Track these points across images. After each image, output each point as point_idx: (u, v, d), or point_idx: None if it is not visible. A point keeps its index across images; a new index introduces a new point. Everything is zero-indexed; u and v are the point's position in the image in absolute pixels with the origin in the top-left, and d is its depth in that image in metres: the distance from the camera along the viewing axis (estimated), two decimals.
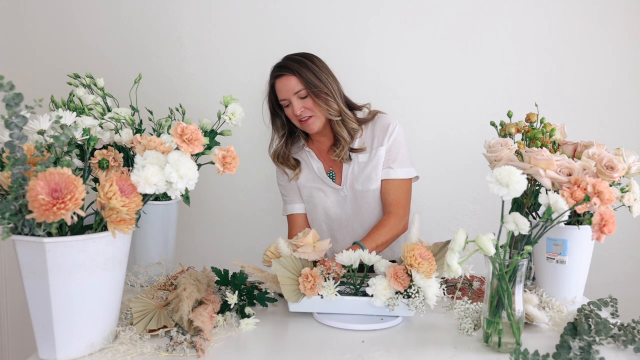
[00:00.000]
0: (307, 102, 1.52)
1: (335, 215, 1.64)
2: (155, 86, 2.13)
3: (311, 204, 1.66)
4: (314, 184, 1.64)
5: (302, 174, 1.66)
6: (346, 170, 1.61)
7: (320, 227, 1.66)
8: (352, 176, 1.60)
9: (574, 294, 1.27)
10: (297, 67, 1.51)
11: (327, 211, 1.64)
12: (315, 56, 1.58)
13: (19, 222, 0.93)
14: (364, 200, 1.61)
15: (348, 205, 1.62)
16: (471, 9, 2.14)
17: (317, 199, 1.64)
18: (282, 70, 1.53)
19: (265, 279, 1.28)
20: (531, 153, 1.15)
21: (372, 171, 1.59)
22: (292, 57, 1.56)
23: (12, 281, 2.18)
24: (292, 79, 1.51)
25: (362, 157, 1.60)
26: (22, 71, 2.15)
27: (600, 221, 1.00)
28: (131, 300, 1.15)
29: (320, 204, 1.64)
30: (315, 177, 1.65)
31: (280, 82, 1.53)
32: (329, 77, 1.55)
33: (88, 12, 2.15)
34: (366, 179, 1.59)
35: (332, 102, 1.53)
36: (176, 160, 1.04)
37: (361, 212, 1.62)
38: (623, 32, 2.15)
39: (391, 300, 1.18)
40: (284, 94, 1.53)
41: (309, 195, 1.65)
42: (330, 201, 1.63)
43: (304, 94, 1.51)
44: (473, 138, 1.95)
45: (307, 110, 1.53)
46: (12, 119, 0.91)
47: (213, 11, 2.15)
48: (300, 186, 1.67)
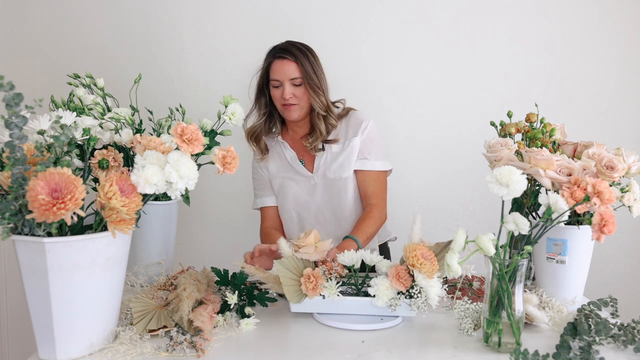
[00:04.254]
0: (298, 90, 1.56)
1: (306, 203, 1.66)
2: (155, 86, 2.13)
3: (282, 193, 1.68)
4: (286, 173, 1.67)
5: (274, 165, 1.69)
6: (319, 159, 1.64)
7: (291, 215, 1.68)
8: (325, 165, 1.64)
9: (574, 294, 1.27)
10: (300, 56, 1.56)
11: (298, 199, 1.66)
12: (314, 51, 1.63)
13: (19, 222, 0.93)
14: (335, 189, 1.63)
15: (318, 194, 1.65)
16: (471, 8, 2.14)
17: (288, 187, 1.66)
18: (284, 53, 1.56)
19: (267, 280, 1.28)
20: (531, 153, 1.15)
21: (344, 160, 1.63)
22: (295, 44, 1.59)
23: (12, 281, 2.18)
24: (292, 65, 1.55)
25: (335, 147, 1.64)
26: (22, 71, 2.15)
27: (600, 221, 1.00)
28: (131, 300, 1.15)
29: (291, 192, 1.66)
30: (287, 167, 1.67)
31: (279, 64, 1.56)
32: (322, 73, 1.61)
33: (88, 12, 2.15)
34: (338, 167, 1.62)
35: (322, 96, 1.58)
36: (176, 160, 1.04)
37: (332, 201, 1.64)
38: (623, 32, 2.15)
39: (393, 301, 1.18)
40: (279, 76, 1.56)
41: (281, 185, 1.68)
42: (301, 189, 1.65)
43: (299, 82, 1.55)
44: (473, 138, 1.95)
45: (294, 98, 1.56)
46: (12, 119, 0.91)
47: (213, 11, 2.15)
48: (272, 177, 1.70)
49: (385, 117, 2.21)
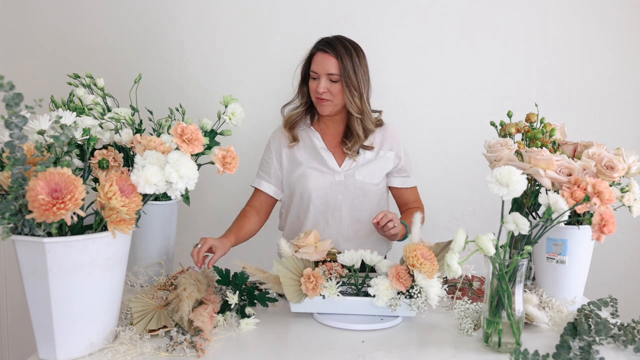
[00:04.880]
0: (335, 87, 1.55)
1: (325, 197, 1.63)
2: (155, 86, 2.13)
3: (302, 182, 1.63)
4: (311, 162, 1.64)
5: (300, 153, 1.66)
6: (350, 159, 1.63)
7: (307, 209, 1.63)
8: (355, 166, 1.62)
9: (574, 294, 1.27)
10: (342, 53, 1.54)
11: (318, 192, 1.62)
12: (362, 52, 1.61)
13: (19, 222, 0.93)
14: (359, 191, 1.62)
15: (340, 192, 1.62)
16: (471, 9, 2.14)
17: (311, 177, 1.62)
18: (327, 47, 1.55)
19: (267, 280, 1.28)
20: (531, 153, 1.15)
21: (376, 169, 1.63)
22: (343, 40, 1.58)
23: (12, 281, 2.18)
24: (332, 60, 1.54)
25: (369, 154, 1.64)
26: (22, 71, 2.15)
27: (600, 221, 1.01)
28: (131, 300, 1.15)
29: (312, 183, 1.62)
30: (315, 156, 1.65)
31: (320, 57, 1.56)
32: (365, 76, 1.59)
33: (88, 12, 2.15)
34: (369, 174, 1.62)
35: (357, 99, 1.56)
36: (176, 160, 1.04)
37: (353, 201, 1.63)
38: (623, 32, 2.15)
39: (393, 301, 1.18)
40: (317, 69, 1.55)
41: (302, 174, 1.63)
42: (323, 183, 1.62)
43: (336, 79, 1.54)
44: (473, 138, 1.95)
45: (328, 94, 1.56)
46: (12, 119, 0.91)
47: (213, 11, 2.15)
48: (297, 164, 1.65)
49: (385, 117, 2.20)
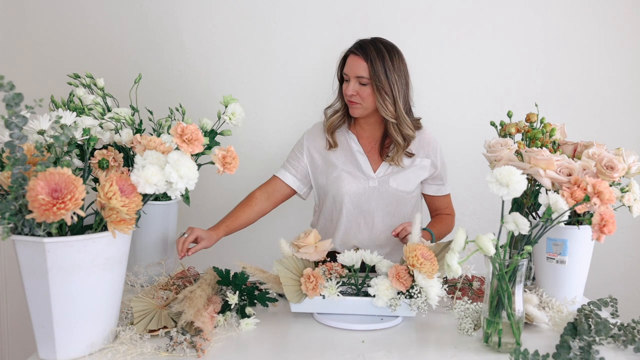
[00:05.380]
0: (364, 90, 1.53)
1: (359, 202, 1.61)
2: (155, 86, 2.13)
3: (336, 186, 1.61)
4: (346, 166, 1.62)
5: (337, 156, 1.64)
6: (385, 165, 1.61)
7: (340, 213, 1.61)
8: (391, 172, 1.60)
9: (574, 294, 1.27)
10: (374, 56, 1.51)
11: (351, 197, 1.60)
12: (399, 54, 1.57)
13: (19, 222, 0.93)
14: (393, 198, 1.60)
15: (374, 198, 1.60)
16: (471, 9, 2.14)
17: (345, 182, 1.60)
18: (358, 50, 1.53)
19: (267, 280, 1.28)
20: (531, 153, 1.15)
21: (412, 176, 1.61)
22: (377, 43, 1.54)
23: (12, 281, 2.18)
24: (362, 64, 1.51)
25: (405, 161, 1.61)
26: (22, 71, 2.15)
27: (600, 221, 1.00)
28: (132, 300, 1.15)
29: (346, 187, 1.60)
30: (351, 160, 1.63)
31: (352, 59, 1.54)
32: (400, 79, 1.54)
33: (88, 12, 2.15)
34: (404, 181, 1.60)
35: (389, 103, 1.52)
36: (176, 160, 1.04)
37: (387, 209, 1.60)
38: (623, 32, 2.15)
39: (393, 301, 1.18)
40: (348, 71, 1.54)
41: (337, 178, 1.61)
42: (357, 188, 1.60)
43: (366, 82, 1.52)
44: (473, 138, 1.95)
45: (357, 97, 1.54)
46: (12, 119, 0.91)
47: (213, 11, 2.15)
48: (332, 166, 1.63)
49: None
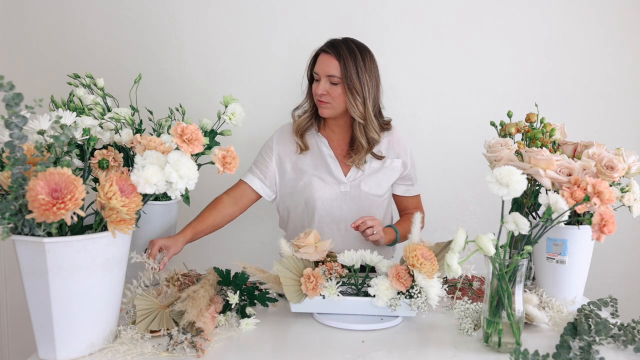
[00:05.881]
0: (335, 90, 1.50)
1: (331, 208, 1.59)
2: (155, 86, 2.13)
3: (308, 192, 1.59)
4: (316, 171, 1.60)
5: (306, 161, 1.61)
6: (355, 169, 1.59)
7: (312, 218, 1.60)
8: (361, 176, 1.59)
9: (574, 294, 1.27)
10: (346, 56, 1.49)
11: (324, 202, 1.58)
12: (370, 55, 1.56)
13: (19, 222, 0.93)
14: (365, 203, 1.59)
15: (346, 203, 1.59)
16: (471, 8, 2.14)
17: (316, 187, 1.58)
18: (330, 49, 1.52)
19: (267, 280, 1.28)
20: (531, 153, 1.15)
21: (383, 178, 1.60)
22: (349, 43, 1.53)
23: (12, 281, 2.18)
24: (333, 62, 1.50)
25: (375, 163, 1.60)
26: (22, 71, 2.15)
27: (600, 221, 1.01)
28: (136, 298, 1.15)
29: (318, 193, 1.58)
30: (321, 164, 1.60)
31: (323, 58, 1.52)
32: (371, 80, 1.53)
33: (88, 12, 2.15)
34: (375, 184, 1.59)
35: (359, 102, 1.50)
36: (176, 160, 1.04)
37: (360, 214, 1.58)
38: (623, 32, 2.15)
39: (393, 301, 1.18)
40: (319, 70, 1.52)
41: (308, 183, 1.59)
42: (329, 192, 1.58)
43: (337, 81, 1.50)
44: (473, 138, 1.95)
45: (327, 96, 1.51)
46: (12, 119, 0.91)
47: (213, 11, 2.15)
48: (302, 172, 1.61)
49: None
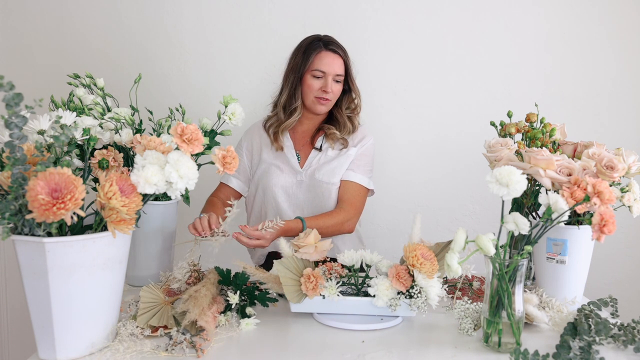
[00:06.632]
0: (336, 87, 1.58)
1: (288, 196, 1.63)
2: (155, 86, 2.13)
3: (265, 180, 1.64)
4: (274, 160, 1.65)
5: (267, 151, 1.67)
6: (312, 158, 1.64)
7: (270, 205, 1.65)
8: (317, 165, 1.63)
9: (574, 294, 1.27)
10: (346, 54, 1.59)
11: (279, 190, 1.63)
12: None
13: (19, 222, 0.93)
14: (319, 191, 1.62)
15: (302, 192, 1.63)
16: (471, 8, 2.14)
17: (274, 175, 1.63)
18: (335, 47, 1.56)
19: (267, 280, 1.28)
20: (531, 153, 1.15)
21: (337, 167, 1.63)
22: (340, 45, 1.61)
23: (12, 281, 2.18)
24: (340, 61, 1.56)
25: (330, 152, 1.64)
26: (22, 71, 2.15)
27: (600, 221, 1.00)
28: (142, 289, 1.15)
29: (274, 180, 1.63)
30: (279, 154, 1.66)
31: (330, 57, 1.56)
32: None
33: (88, 12, 2.15)
34: (329, 172, 1.62)
35: (357, 99, 1.62)
36: (176, 160, 1.04)
37: (314, 201, 1.63)
38: (623, 32, 2.15)
39: (393, 301, 1.18)
40: (326, 68, 1.54)
41: (265, 171, 1.64)
42: (285, 181, 1.63)
43: (340, 79, 1.57)
44: (473, 138, 1.95)
45: (332, 94, 1.57)
46: (12, 119, 0.91)
47: (213, 11, 2.15)
48: (261, 161, 1.67)
49: (385, 117, 2.21)
